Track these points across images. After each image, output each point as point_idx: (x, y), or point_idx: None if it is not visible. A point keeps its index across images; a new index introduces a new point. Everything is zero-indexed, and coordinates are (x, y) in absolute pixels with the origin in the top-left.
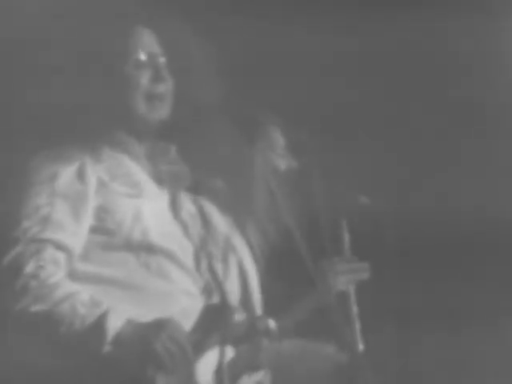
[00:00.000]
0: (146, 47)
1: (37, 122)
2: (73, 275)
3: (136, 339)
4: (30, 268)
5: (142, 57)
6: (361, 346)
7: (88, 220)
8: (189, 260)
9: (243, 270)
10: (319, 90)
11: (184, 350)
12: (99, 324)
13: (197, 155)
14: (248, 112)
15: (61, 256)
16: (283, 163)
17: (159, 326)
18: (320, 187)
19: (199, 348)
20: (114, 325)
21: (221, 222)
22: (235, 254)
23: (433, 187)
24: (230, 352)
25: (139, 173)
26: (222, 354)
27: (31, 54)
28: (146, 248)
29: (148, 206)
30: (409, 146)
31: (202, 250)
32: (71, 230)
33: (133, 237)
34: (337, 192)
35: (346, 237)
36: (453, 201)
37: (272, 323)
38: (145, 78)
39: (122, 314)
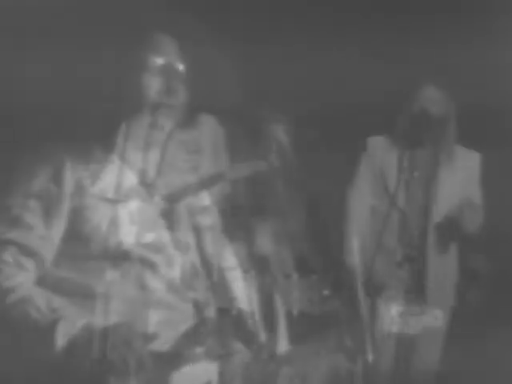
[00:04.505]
0: (165, 55)
1: (23, 120)
2: (44, 280)
3: (90, 344)
4: None
5: (158, 64)
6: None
7: (61, 224)
8: (175, 271)
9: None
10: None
11: (137, 353)
12: (51, 330)
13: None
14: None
15: (26, 259)
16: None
17: (113, 330)
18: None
19: (179, 359)
20: (68, 331)
21: (215, 237)
22: (229, 272)
23: None
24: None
25: (130, 179)
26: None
27: (32, 51)
28: (123, 256)
29: (132, 212)
30: None
31: (191, 263)
32: (40, 233)
33: (109, 244)
34: None
35: None
36: None
37: (281, 348)
38: (156, 87)
39: (80, 321)
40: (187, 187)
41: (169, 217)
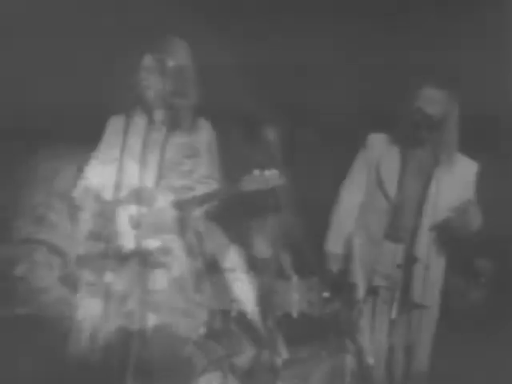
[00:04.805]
0: (176, 58)
1: (41, 120)
2: (67, 280)
3: (120, 346)
4: (20, 270)
5: (168, 65)
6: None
7: (86, 223)
8: (178, 273)
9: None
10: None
11: (161, 355)
12: (83, 329)
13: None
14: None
15: (54, 259)
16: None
17: (142, 333)
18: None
19: (198, 368)
20: (105, 330)
21: (216, 240)
22: (230, 273)
23: None
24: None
25: (130, 180)
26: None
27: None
28: (127, 257)
29: (135, 214)
30: None
31: (193, 265)
32: (67, 233)
33: (114, 245)
34: None
35: None
36: None
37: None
38: (164, 87)
39: (112, 322)
40: (196, 198)
41: (171, 220)
